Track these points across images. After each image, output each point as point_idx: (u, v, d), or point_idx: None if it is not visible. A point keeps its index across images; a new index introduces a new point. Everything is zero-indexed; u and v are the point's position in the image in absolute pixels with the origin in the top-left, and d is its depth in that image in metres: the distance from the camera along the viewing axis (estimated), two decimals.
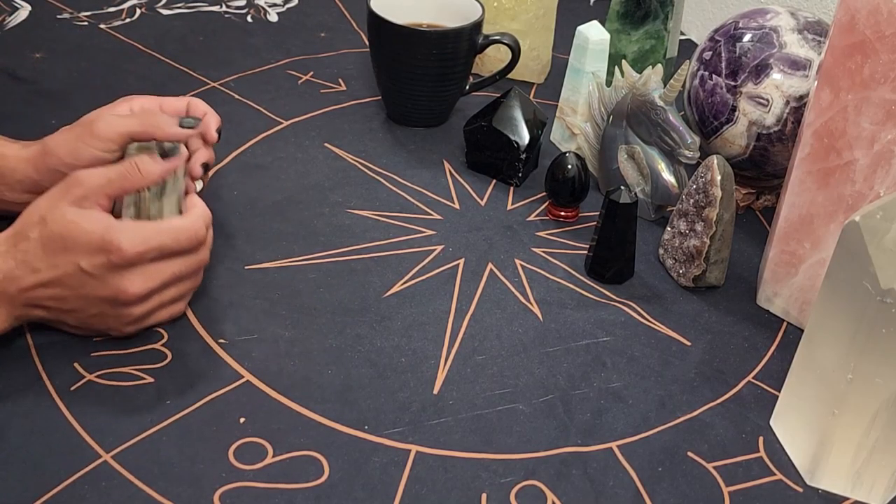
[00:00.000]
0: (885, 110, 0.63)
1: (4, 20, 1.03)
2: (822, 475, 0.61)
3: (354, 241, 0.77)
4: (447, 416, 0.63)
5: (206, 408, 0.61)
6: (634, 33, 0.97)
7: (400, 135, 0.92)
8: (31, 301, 0.60)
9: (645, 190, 0.82)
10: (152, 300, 0.63)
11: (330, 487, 0.57)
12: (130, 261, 0.60)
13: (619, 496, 0.59)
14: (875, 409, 0.57)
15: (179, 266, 0.63)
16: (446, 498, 0.57)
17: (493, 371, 0.67)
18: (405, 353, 0.67)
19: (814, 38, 0.78)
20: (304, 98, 0.96)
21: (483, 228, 0.81)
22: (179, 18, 1.08)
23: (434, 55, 0.87)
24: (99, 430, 0.59)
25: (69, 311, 0.61)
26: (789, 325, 0.74)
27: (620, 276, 0.76)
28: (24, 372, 0.62)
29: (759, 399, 0.67)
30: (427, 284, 0.74)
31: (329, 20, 1.12)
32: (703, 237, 0.73)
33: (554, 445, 0.62)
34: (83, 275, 0.59)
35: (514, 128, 0.85)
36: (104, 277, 0.60)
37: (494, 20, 0.99)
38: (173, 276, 0.63)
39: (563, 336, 0.70)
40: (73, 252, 0.59)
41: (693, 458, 0.62)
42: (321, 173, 0.85)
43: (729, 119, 0.81)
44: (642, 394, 0.66)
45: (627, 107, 0.81)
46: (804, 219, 0.70)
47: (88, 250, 0.59)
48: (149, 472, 0.57)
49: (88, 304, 0.61)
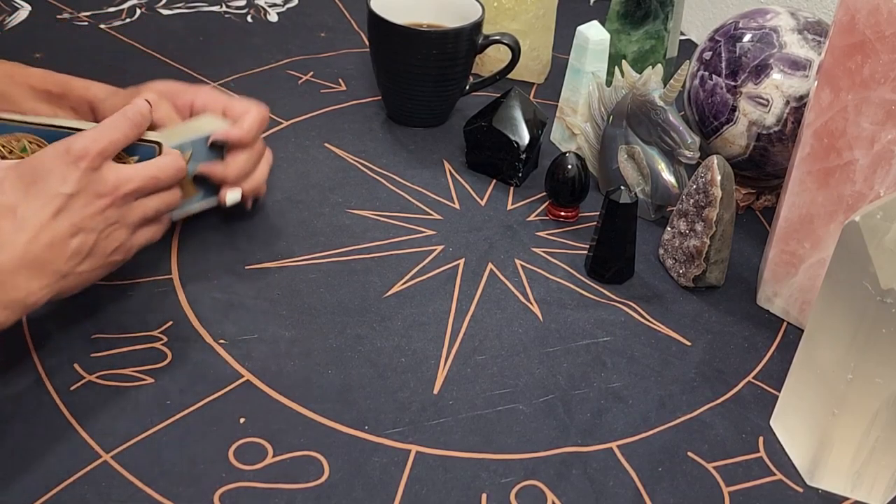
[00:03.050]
0: (885, 110, 0.63)
1: (4, 20, 1.03)
2: (822, 475, 0.61)
3: (354, 241, 0.77)
4: (447, 416, 0.63)
5: (206, 408, 0.61)
6: (634, 33, 0.97)
7: (400, 135, 0.92)
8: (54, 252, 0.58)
9: (645, 190, 0.82)
10: (137, 205, 0.62)
11: (330, 487, 0.57)
12: (100, 155, 0.59)
13: (619, 496, 0.59)
14: (875, 409, 0.57)
15: (154, 170, 0.63)
16: (446, 498, 0.57)
17: (493, 371, 0.67)
18: (405, 353, 0.67)
19: (814, 38, 0.78)
20: (304, 98, 0.96)
21: (483, 228, 0.81)
22: (179, 18, 1.08)
23: (434, 55, 0.87)
24: (99, 430, 0.59)
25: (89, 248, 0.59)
26: (789, 325, 0.74)
27: (620, 276, 0.76)
28: (24, 372, 0.62)
29: (759, 399, 0.67)
30: (427, 284, 0.74)
31: (329, 20, 1.12)
32: (703, 237, 0.73)
33: (554, 445, 0.62)
34: (71, 199, 0.58)
35: (514, 128, 0.85)
36: (87, 185, 0.58)
37: (494, 20, 0.99)
38: (151, 179, 0.62)
39: (563, 336, 0.70)
40: (45, 180, 0.57)
41: (693, 458, 0.62)
42: (321, 173, 0.85)
43: (729, 119, 0.81)
44: (642, 394, 0.66)
45: (627, 107, 0.81)
46: (804, 219, 0.70)
47: (55, 168, 0.58)
48: (149, 472, 0.57)
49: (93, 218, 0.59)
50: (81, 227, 0.58)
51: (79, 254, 0.59)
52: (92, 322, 0.66)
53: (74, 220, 0.58)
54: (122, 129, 0.62)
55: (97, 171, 0.59)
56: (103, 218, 0.60)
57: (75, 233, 0.58)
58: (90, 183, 0.59)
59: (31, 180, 0.58)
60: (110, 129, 0.61)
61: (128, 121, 0.62)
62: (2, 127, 0.64)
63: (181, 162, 0.65)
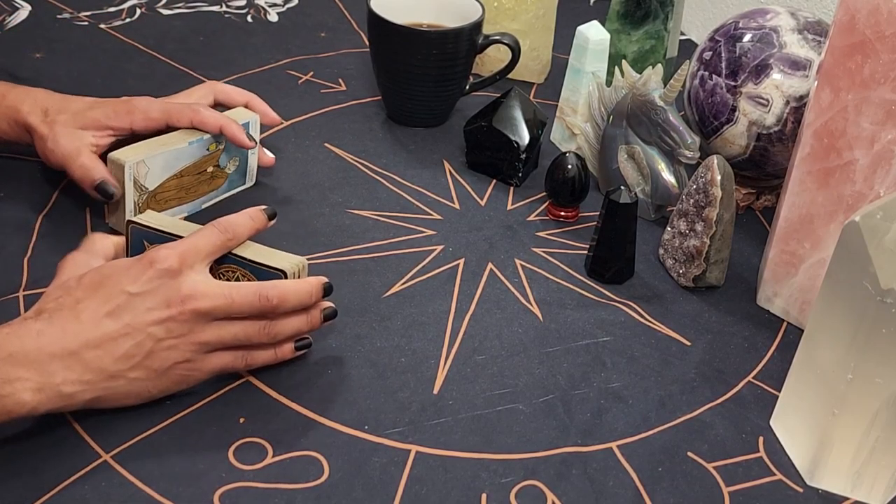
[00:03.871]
0: (885, 110, 0.63)
1: (4, 20, 1.03)
2: (822, 475, 0.61)
3: (354, 241, 0.77)
4: (447, 416, 0.63)
5: (206, 408, 0.61)
6: (634, 33, 0.97)
7: (400, 135, 0.92)
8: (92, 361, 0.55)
9: (645, 190, 0.82)
10: (212, 325, 0.58)
11: (330, 487, 0.57)
12: (180, 259, 0.56)
13: (619, 496, 0.59)
14: (875, 409, 0.57)
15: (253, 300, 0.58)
16: (446, 498, 0.57)
17: (493, 371, 0.67)
18: (405, 353, 0.67)
19: (814, 38, 0.78)
20: (304, 98, 0.96)
21: (483, 228, 0.81)
22: (179, 18, 1.08)
23: (434, 55, 0.87)
24: (99, 430, 0.59)
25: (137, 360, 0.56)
26: (789, 325, 0.74)
27: (620, 276, 0.76)
28: None
29: (759, 399, 0.67)
30: (427, 284, 0.74)
31: (329, 20, 1.12)
32: (703, 237, 0.73)
33: (554, 445, 0.62)
34: (133, 298, 0.55)
35: (514, 128, 0.85)
36: (156, 289, 0.56)
37: (494, 20, 0.99)
38: (225, 299, 0.57)
39: (563, 336, 0.70)
40: (118, 279, 0.56)
41: (693, 458, 0.62)
42: (321, 173, 0.85)
43: (729, 119, 0.81)
44: (642, 394, 0.66)
45: (627, 107, 0.81)
46: (804, 219, 0.70)
47: (130, 269, 0.56)
48: (149, 472, 0.57)
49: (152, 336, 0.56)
50: (136, 329, 0.55)
51: (130, 357, 0.56)
52: None
53: (130, 320, 0.55)
54: (210, 237, 0.59)
55: (173, 279, 0.56)
56: (164, 328, 0.56)
57: (127, 333, 0.55)
58: (159, 287, 0.56)
59: (107, 277, 0.56)
60: (199, 236, 0.59)
61: (218, 232, 0.59)
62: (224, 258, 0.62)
63: (274, 298, 0.59)
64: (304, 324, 0.62)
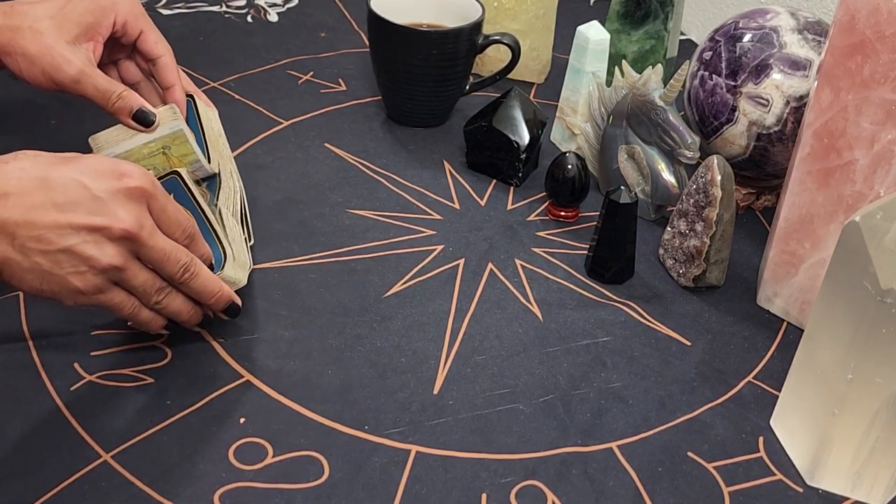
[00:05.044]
0: (885, 110, 0.63)
1: None
2: (822, 475, 0.61)
3: (354, 241, 0.77)
4: (447, 416, 0.63)
5: (206, 408, 0.61)
6: (634, 33, 0.97)
7: (400, 135, 0.92)
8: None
9: (645, 190, 0.82)
10: (138, 275, 0.57)
11: (330, 487, 0.57)
12: (142, 194, 0.55)
13: (619, 496, 0.59)
14: (875, 409, 0.57)
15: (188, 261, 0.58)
16: (446, 498, 0.57)
17: (493, 371, 0.67)
18: (405, 353, 0.67)
19: (814, 38, 0.78)
20: (304, 98, 0.96)
21: (483, 228, 0.81)
22: (179, 18, 1.08)
23: (434, 55, 0.87)
24: (99, 430, 0.59)
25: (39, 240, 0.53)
26: (789, 325, 0.74)
27: (620, 276, 0.76)
28: (24, 372, 0.62)
29: (759, 399, 0.67)
30: (427, 284, 0.74)
31: (329, 20, 1.12)
32: (703, 237, 0.73)
33: (554, 445, 0.62)
34: (82, 189, 0.53)
35: (514, 128, 0.85)
36: (105, 200, 0.54)
37: (494, 20, 0.99)
38: (179, 264, 0.58)
39: (563, 336, 0.70)
40: (77, 165, 0.54)
41: (693, 458, 0.62)
42: (321, 173, 0.85)
43: (729, 119, 0.81)
44: (642, 394, 0.66)
45: (627, 107, 0.81)
46: (804, 219, 0.70)
47: (97, 170, 0.54)
48: (149, 472, 0.57)
49: (63, 235, 0.53)
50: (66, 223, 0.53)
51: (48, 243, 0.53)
52: (92, 321, 0.66)
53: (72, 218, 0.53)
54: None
55: (136, 201, 0.55)
56: (85, 238, 0.54)
57: (58, 225, 0.53)
58: (109, 199, 0.54)
59: (72, 159, 0.55)
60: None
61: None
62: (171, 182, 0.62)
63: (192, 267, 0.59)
64: (186, 311, 0.61)
